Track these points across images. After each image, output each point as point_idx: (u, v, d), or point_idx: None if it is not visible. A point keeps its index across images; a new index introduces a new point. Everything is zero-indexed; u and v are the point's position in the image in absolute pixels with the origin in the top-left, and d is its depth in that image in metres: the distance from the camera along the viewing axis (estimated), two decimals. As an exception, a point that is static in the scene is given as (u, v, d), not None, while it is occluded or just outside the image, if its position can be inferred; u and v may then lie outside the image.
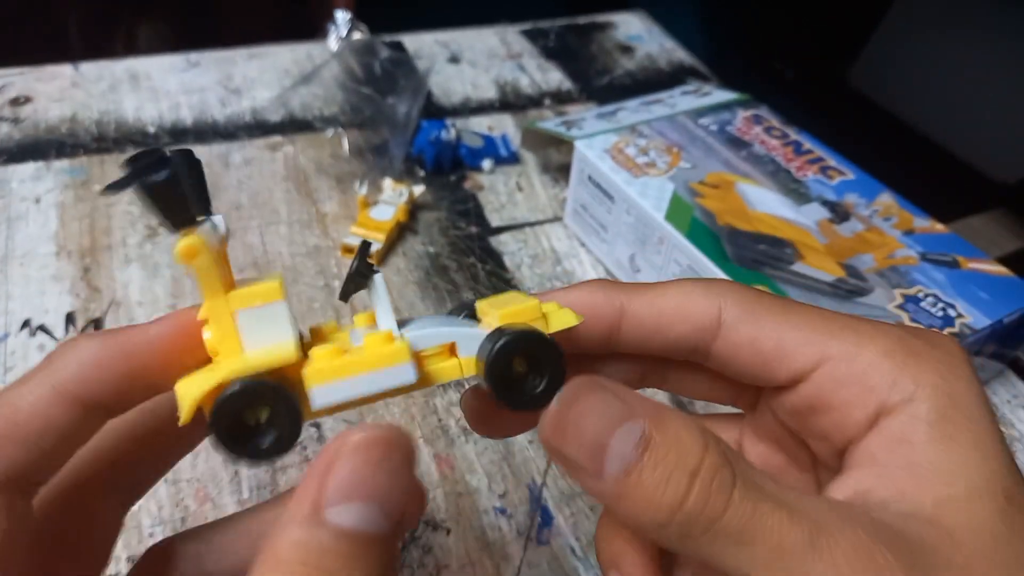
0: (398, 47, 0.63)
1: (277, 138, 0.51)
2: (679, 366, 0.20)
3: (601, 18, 0.73)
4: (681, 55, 0.68)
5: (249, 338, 0.15)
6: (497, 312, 0.16)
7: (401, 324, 0.17)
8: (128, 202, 0.45)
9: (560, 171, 0.52)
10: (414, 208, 0.46)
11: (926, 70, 1.76)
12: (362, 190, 0.45)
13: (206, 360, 0.16)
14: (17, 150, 0.48)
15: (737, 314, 0.17)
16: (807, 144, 0.44)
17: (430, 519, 0.31)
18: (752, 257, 0.35)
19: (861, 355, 0.16)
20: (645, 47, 0.69)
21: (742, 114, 0.46)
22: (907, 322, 0.33)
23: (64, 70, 0.56)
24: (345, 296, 0.17)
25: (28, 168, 0.47)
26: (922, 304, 0.34)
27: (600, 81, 0.63)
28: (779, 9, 2.00)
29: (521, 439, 0.34)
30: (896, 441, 0.15)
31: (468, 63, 0.63)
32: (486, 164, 0.51)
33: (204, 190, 0.15)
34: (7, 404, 0.15)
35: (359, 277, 0.17)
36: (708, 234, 0.37)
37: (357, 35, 0.53)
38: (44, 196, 0.45)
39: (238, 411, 0.14)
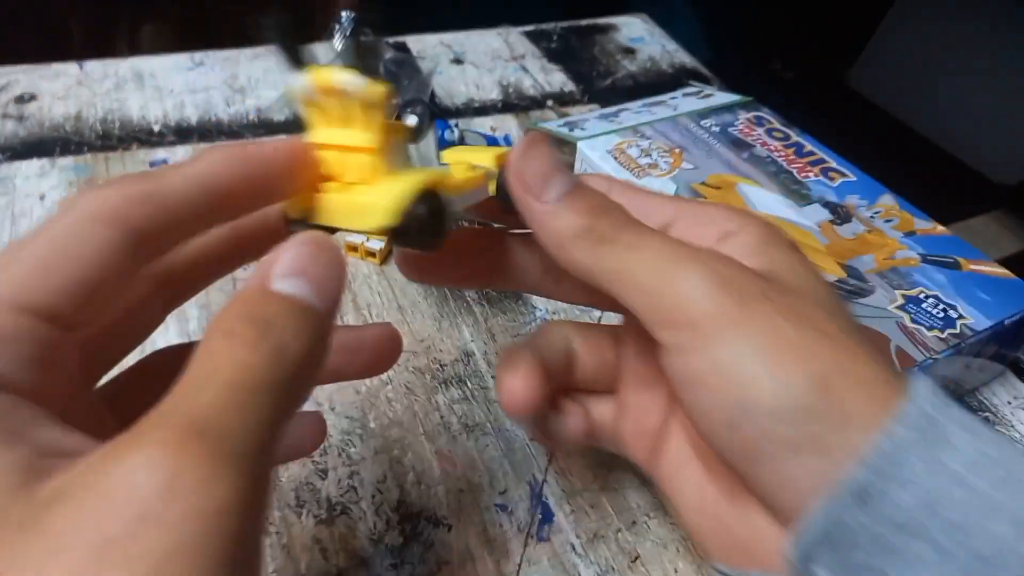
0: (402, 48, 0.63)
1: (282, 137, 0.52)
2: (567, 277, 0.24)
3: (603, 20, 0.73)
4: (683, 57, 0.68)
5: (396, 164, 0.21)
6: (459, 156, 0.24)
7: (442, 156, 0.23)
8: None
9: (562, 171, 0.52)
10: (417, 207, 0.47)
11: (926, 71, 1.76)
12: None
13: (315, 181, 0.20)
14: (22, 147, 0.48)
15: (621, 186, 0.23)
16: (808, 146, 0.44)
17: (431, 515, 0.31)
18: (753, 257, 0.36)
19: (705, 206, 0.22)
20: (647, 49, 0.69)
21: (744, 116, 0.46)
22: (908, 323, 0.33)
23: (69, 68, 0.56)
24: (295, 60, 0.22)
25: (33, 165, 0.47)
26: (923, 305, 0.34)
27: (602, 83, 0.63)
28: (779, 11, 2.00)
29: (522, 438, 0.35)
30: (734, 246, 0.21)
31: (471, 64, 0.63)
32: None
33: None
34: (157, 174, 0.17)
35: (365, 52, 0.22)
36: (710, 234, 0.37)
37: (362, 36, 0.54)
38: (49, 193, 0.45)
39: (432, 206, 0.19)
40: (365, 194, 0.20)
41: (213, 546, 0.12)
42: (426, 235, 0.19)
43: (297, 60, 0.20)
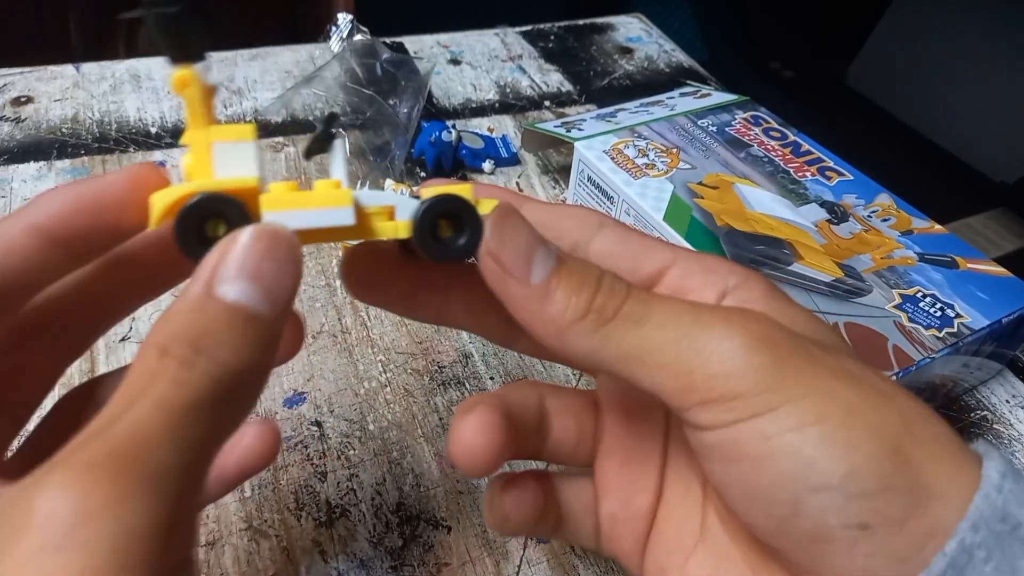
0: (399, 48, 0.63)
1: (279, 139, 0.52)
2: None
3: (600, 20, 0.73)
4: (680, 57, 0.68)
5: (221, 166, 0.17)
6: (432, 190, 0.19)
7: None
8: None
9: (560, 172, 0.52)
10: (415, 208, 0.47)
11: (924, 70, 1.76)
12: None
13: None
14: (19, 150, 0.48)
15: (613, 224, 0.21)
16: (806, 145, 0.44)
17: (431, 517, 0.31)
18: (750, 258, 0.36)
19: (703, 255, 0.20)
20: (644, 49, 0.69)
21: (741, 115, 0.46)
22: (905, 323, 0.33)
23: (66, 70, 0.56)
24: (308, 154, 0.20)
25: (30, 168, 0.47)
26: (920, 304, 0.34)
27: (599, 83, 0.63)
28: (777, 10, 2.00)
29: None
30: (742, 302, 0.19)
31: (469, 65, 0.63)
32: (486, 165, 0.51)
33: (206, 35, 0.17)
34: None
35: (323, 141, 0.19)
36: (707, 235, 0.37)
37: (358, 36, 0.54)
38: (46, 196, 0.45)
39: (201, 219, 0.16)
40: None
41: (125, 568, 0.12)
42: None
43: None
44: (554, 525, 0.22)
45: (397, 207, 0.18)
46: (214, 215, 0.16)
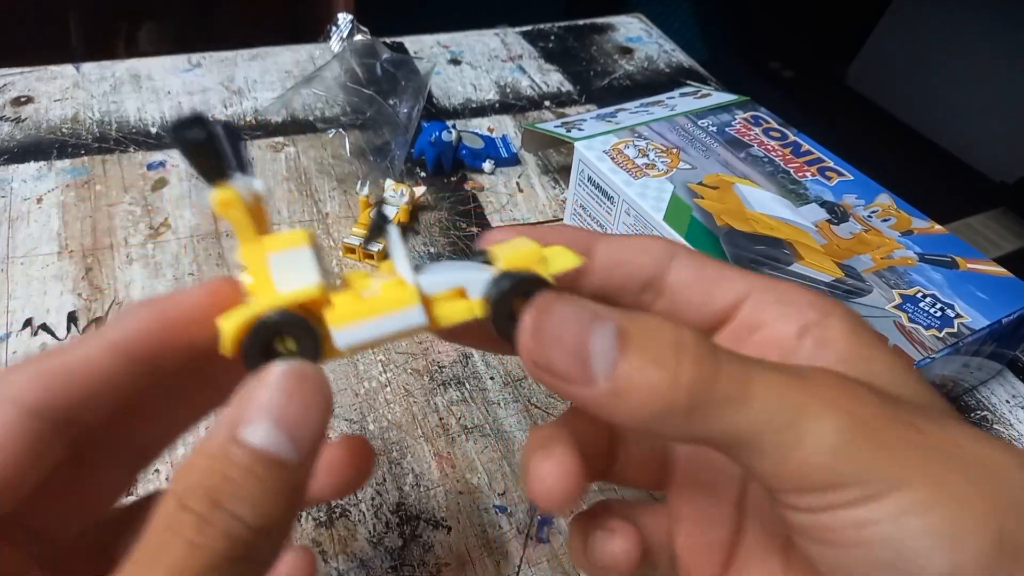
0: (399, 48, 0.63)
1: (279, 139, 0.52)
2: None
3: (600, 20, 0.73)
4: (680, 57, 0.68)
5: (279, 278, 0.17)
6: (503, 256, 0.18)
7: (419, 270, 0.18)
8: (129, 202, 0.45)
9: (560, 172, 0.52)
10: (415, 209, 0.47)
11: (924, 70, 1.76)
12: (363, 191, 0.45)
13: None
14: (19, 150, 0.48)
15: (687, 253, 0.20)
16: (806, 145, 0.44)
17: (430, 517, 0.31)
18: (750, 258, 0.36)
19: (780, 284, 0.19)
20: (644, 49, 0.69)
21: (741, 116, 0.46)
22: (905, 323, 0.33)
23: (66, 70, 0.56)
24: (369, 237, 0.20)
25: (30, 168, 0.47)
26: (920, 304, 0.34)
27: (600, 83, 0.63)
28: (777, 10, 2.00)
29: (521, 438, 0.35)
30: (822, 342, 0.18)
31: (469, 65, 0.63)
32: (486, 165, 0.51)
33: (240, 152, 0.17)
34: (62, 348, 0.16)
35: (376, 230, 0.19)
36: (707, 235, 0.37)
37: (358, 36, 0.54)
38: (46, 196, 0.45)
39: (268, 340, 0.16)
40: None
41: None
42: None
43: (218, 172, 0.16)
44: (643, 556, 0.21)
45: (467, 287, 0.17)
46: (279, 333, 0.16)
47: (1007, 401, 0.39)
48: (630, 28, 0.72)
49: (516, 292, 0.17)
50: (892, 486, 0.14)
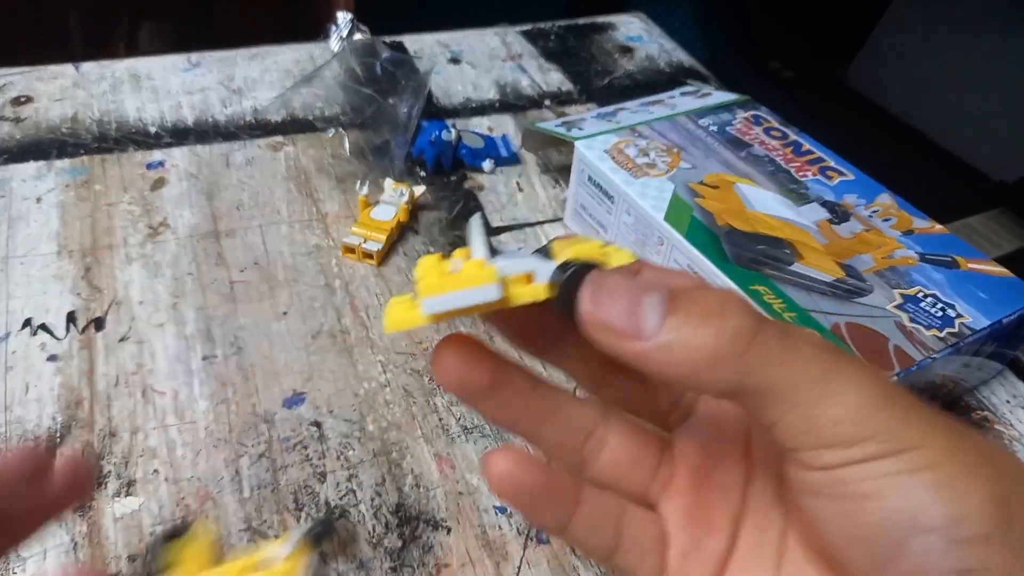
0: (399, 48, 0.63)
1: (278, 138, 0.52)
2: (629, 376, 0.22)
3: (601, 19, 0.73)
4: (681, 56, 0.68)
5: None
6: (568, 250, 0.20)
7: (495, 256, 0.20)
8: (129, 202, 0.45)
9: (560, 171, 0.52)
10: (415, 208, 0.47)
11: (925, 69, 1.76)
12: (363, 190, 0.45)
13: None
14: (18, 150, 0.48)
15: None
16: (806, 145, 0.44)
17: (430, 518, 0.31)
18: (751, 257, 0.36)
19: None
20: (645, 48, 0.69)
21: (742, 115, 0.46)
22: (906, 323, 0.33)
23: (65, 70, 0.56)
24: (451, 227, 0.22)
25: (29, 168, 0.47)
26: (921, 304, 0.34)
27: (600, 82, 0.63)
28: (777, 9, 2.00)
29: (520, 439, 0.34)
30: None
31: (469, 64, 0.63)
32: (486, 164, 0.51)
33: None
34: None
35: (460, 219, 0.21)
36: (707, 234, 0.37)
37: (358, 36, 0.53)
38: (45, 196, 0.45)
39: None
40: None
41: None
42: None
43: None
44: (566, 517, 0.21)
45: (536, 271, 0.20)
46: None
47: (1007, 401, 0.39)
48: (630, 27, 0.72)
49: (579, 277, 0.19)
50: (906, 445, 0.16)
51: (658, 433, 0.24)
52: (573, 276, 0.19)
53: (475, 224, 0.21)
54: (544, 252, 0.21)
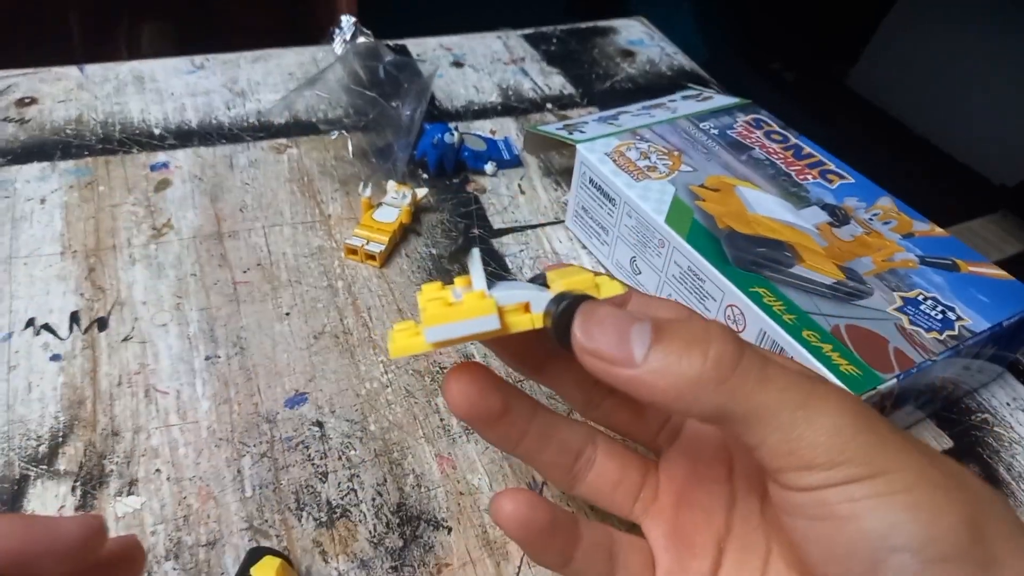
0: (402, 51, 0.63)
1: (282, 140, 0.52)
2: (617, 398, 0.23)
3: (602, 23, 0.73)
4: (682, 60, 0.69)
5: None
6: (561, 281, 0.21)
7: (492, 287, 0.22)
8: (132, 203, 0.45)
9: (562, 174, 0.52)
10: (417, 210, 0.47)
11: (926, 72, 1.76)
12: (366, 192, 0.45)
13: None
14: (22, 151, 0.48)
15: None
16: (807, 148, 0.44)
17: (431, 518, 0.31)
18: (751, 260, 0.36)
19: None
20: (646, 52, 0.69)
21: (742, 118, 0.47)
22: (906, 325, 0.33)
23: (69, 71, 0.56)
24: (452, 259, 0.23)
25: (33, 169, 0.47)
26: (922, 307, 0.34)
27: (601, 85, 0.63)
28: (778, 11, 2.00)
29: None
30: None
31: (471, 67, 0.63)
32: (488, 167, 0.51)
33: None
34: None
35: (461, 252, 0.22)
36: (708, 237, 0.37)
37: (361, 39, 0.54)
38: (49, 196, 0.45)
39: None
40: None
41: None
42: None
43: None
44: (570, 553, 0.23)
45: (531, 302, 0.21)
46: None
47: (1008, 404, 0.39)
48: (632, 31, 0.72)
49: (573, 308, 0.20)
50: (882, 469, 0.17)
51: (644, 455, 0.25)
52: (567, 308, 0.20)
53: (475, 257, 0.22)
54: (539, 281, 0.22)
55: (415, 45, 0.65)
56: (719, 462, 0.23)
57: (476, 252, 0.22)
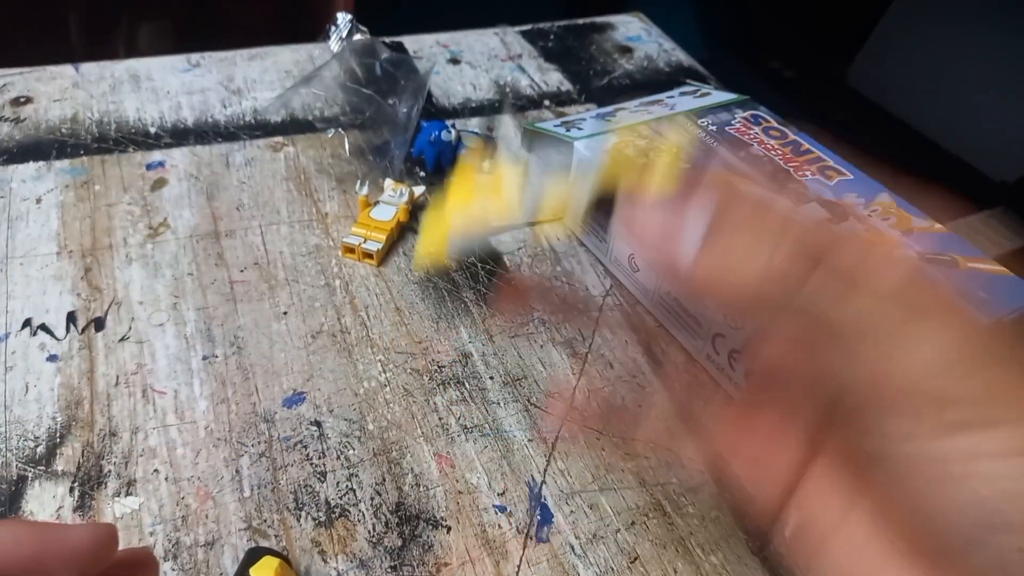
0: (399, 48, 0.63)
1: (278, 138, 0.52)
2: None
3: (600, 19, 0.73)
4: (680, 56, 0.68)
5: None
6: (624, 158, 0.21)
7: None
8: (128, 202, 0.45)
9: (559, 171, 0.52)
10: (414, 208, 0.47)
11: (924, 69, 1.76)
12: (363, 190, 0.45)
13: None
14: (18, 150, 0.48)
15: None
16: (805, 144, 0.44)
17: (430, 517, 0.31)
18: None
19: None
20: (644, 48, 0.69)
21: (741, 115, 0.46)
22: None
23: (65, 70, 0.56)
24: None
25: (29, 168, 0.47)
26: (920, 303, 0.34)
27: (599, 82, 0.63)
28: (777, 9, 2.00)
29: (520, 438, 0.35)
30: None
31: (468, 64, 0.63)
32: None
33: None
34: None
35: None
36: (707, 234, 0.37)
37: (358, 36, 0.53)
38: (45, 196, 0.45)
39: None
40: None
41: None
42: None
43: None
44: None
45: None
46: None
47: (1007, 400, 0.39)
48: (630, 27, 0.72)
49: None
50: (1006, 417, 0.13)
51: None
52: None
53: (506, 122, 0.21)
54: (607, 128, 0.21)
55: (412, 42, 0.64)
56: (798, 415, 0.19)
57: (508, 119, 0.22)
